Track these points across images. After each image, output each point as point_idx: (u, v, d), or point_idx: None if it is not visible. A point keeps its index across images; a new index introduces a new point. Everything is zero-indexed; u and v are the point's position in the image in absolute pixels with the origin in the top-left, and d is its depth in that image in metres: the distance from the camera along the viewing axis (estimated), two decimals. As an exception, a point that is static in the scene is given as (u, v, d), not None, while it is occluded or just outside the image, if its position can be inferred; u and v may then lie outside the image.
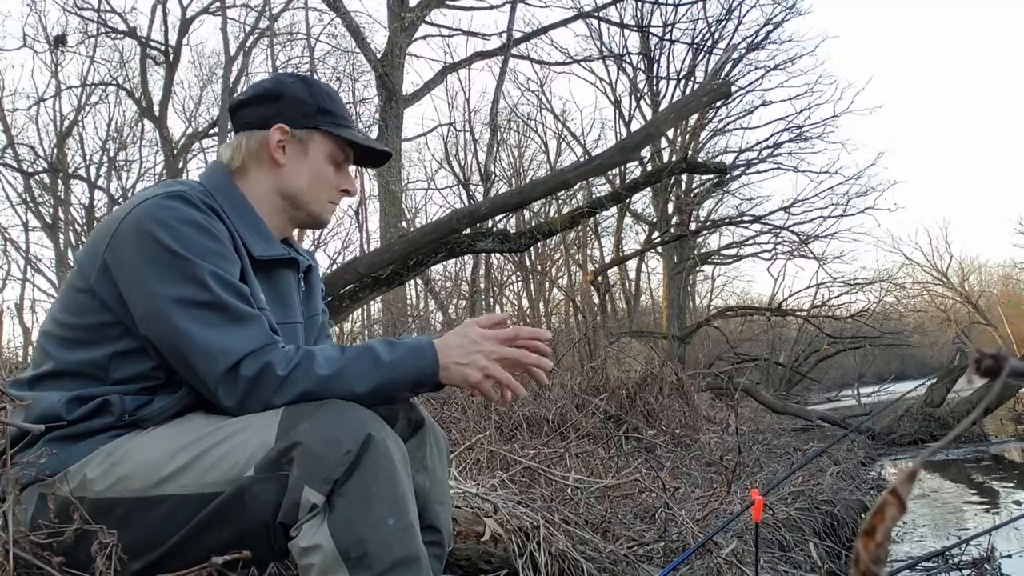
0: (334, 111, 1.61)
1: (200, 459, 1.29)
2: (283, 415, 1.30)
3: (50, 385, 1.41)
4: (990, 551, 3.29)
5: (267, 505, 1.25)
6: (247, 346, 1.33)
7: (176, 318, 1.32)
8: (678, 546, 2.71)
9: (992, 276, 39.77)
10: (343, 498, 1.23)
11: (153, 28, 15.72)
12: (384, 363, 1.36)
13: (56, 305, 1.48)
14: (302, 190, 1.59)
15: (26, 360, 6.54)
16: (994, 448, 7.94)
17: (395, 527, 1.24)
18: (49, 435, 1.35)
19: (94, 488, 1.32)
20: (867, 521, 0.45)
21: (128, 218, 1.38)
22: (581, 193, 16.71)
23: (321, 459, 1.23)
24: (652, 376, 6.81)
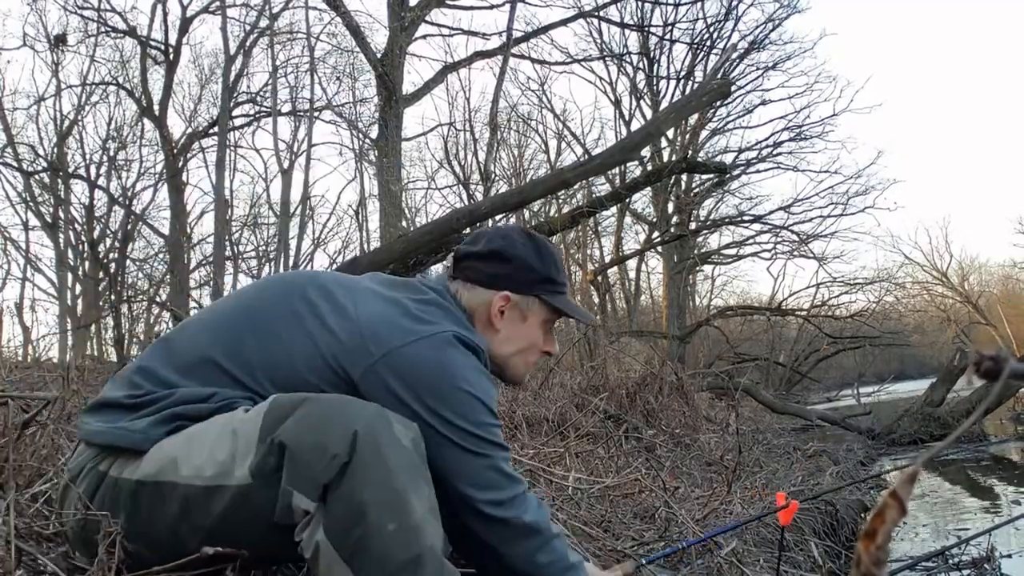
0: (557, 279, 1.65)
1: (192, 450, 1.30)
2: (268, 408, 1.29)
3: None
4: (990, 551, 3.29)
5: (267, 509, 1.24)
6: (515, 492, 1.47)
7: (476, 449, 1.42)
8: (678, 546, 2.71)
9: (992, 276, 39.83)
10: (335, 504, 1.20)
11: (153, 27, 15.76)
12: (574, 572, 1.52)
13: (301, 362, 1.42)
14: (512, 355, 1.64)
15: (26, 359, 6.54)
16: (994, 448, 7.94)
17: (395, 532, 1.20)
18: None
19: (130, 471, 1.34)
20: (868, 523, 0.45)
21: (439, 338, 1.43)
22: (581, 193, 16.71)
23: (307, 465, 1.21)
24: (652, 376, 6.80)
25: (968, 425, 0.49)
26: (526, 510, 1.45)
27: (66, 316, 16.67)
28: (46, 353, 9.10)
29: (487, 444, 1.42)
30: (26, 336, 13.00)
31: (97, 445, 1.39)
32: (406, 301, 1.49)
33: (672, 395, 6.80)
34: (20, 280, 17.99)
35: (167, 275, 16.63)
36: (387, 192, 12.18)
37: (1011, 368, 0.44)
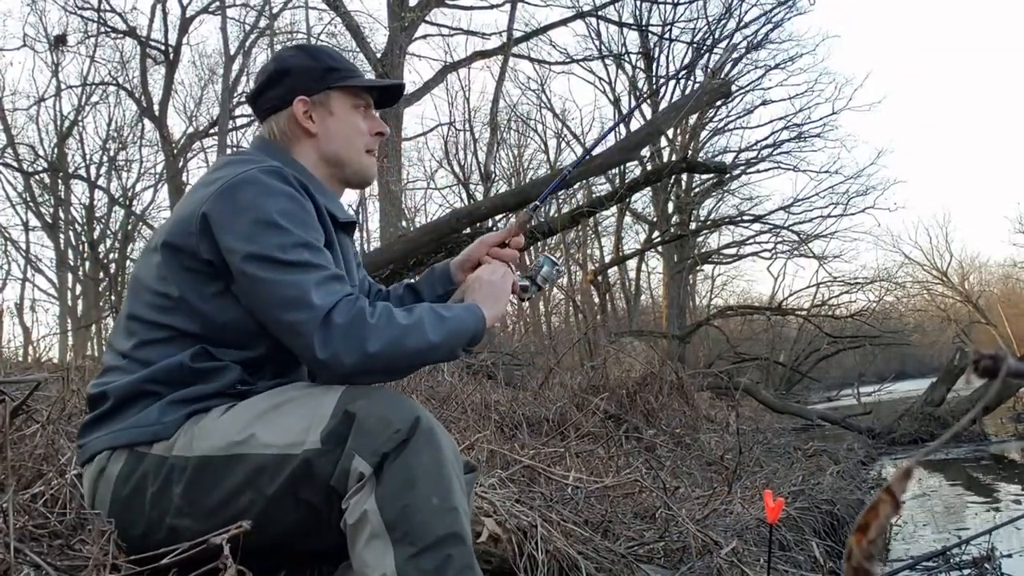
0: (340, 67, 1.68)
1: (266, 422, 1.38)
2: (343, 391, 1.39)
3: (161, 347, 1.48)
4: (990, 550, 3.28)
5: (328, 472, 1.33)
6: (337, 297, 1.40)
7: (274, 275, 1.40)
8: (679, 546, 2.71)
9: (992, 275, 39.77)
10: (390, 473, 1.30)
11: (153, 28, 15.76)
12: (447, 318, 1.51)
13: (149, 276, 1.51)
14: (340, 148, 1.67)
15: (26, 360, 6.54)
16: (994, 447, 7.93)
17: (438, 506, 1.30)
18: (169, 397, 1.44)
19: (176, 450, 1.40)
20: (861, 517, 0.45)
21: (228, 183, 1.45)
22: (581, 192, 16.71)
23: (372, 433, 1.32)
24: (652, 375, 6.80)
25: (966, 422, 0.49)
26: (350, 312, 1.40)
27: (66, 317, 16.67)
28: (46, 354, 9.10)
29: (277, 266, 1.41)
30: (26, 336, 13.00)
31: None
32: (210, 175, 1.56)
33: (672, 395, 6.80)
34: (20, 281, 17.98)
35: (167, 275, 16.62)
36: (387, 192, 12.18)
37: (1009, 367, 0.44)
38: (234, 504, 1.37)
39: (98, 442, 1.46)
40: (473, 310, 1.59)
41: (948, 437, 0.49)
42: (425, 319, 1.47)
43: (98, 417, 1.49)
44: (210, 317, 1.48)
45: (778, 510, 2.24)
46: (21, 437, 2.32)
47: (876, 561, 0.45)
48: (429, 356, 1.49)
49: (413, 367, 1.55)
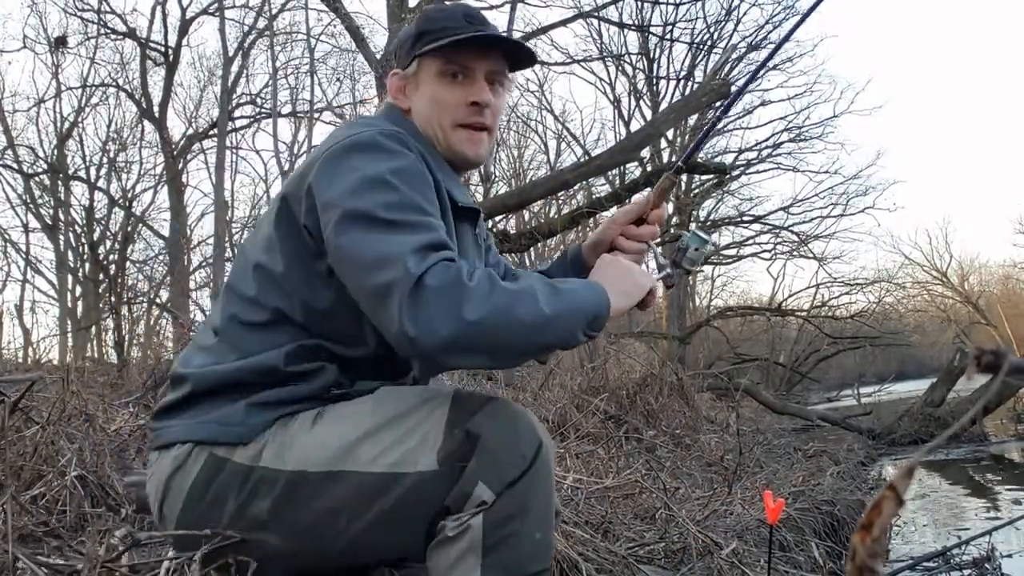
0: (430, 29, 1.46)
1: (370, 437, 1.27)
2: (453, 399, 1.28)
3: (257, 334, 1.36)
4: (990, 551, 3.28)
5: (441, 495, 1.24)
6: (434, 261, 1.21)
7: (372, 233, 1.24)
8: (679, 547, 2.70)
9: (992, 276, 39.76)
10: (508, 499, 1.22)
11: (153, 29, 15.74)
12: (562, 290, 1.29)
13: (256, 249, 1.40)
14: (425, 125, 1.48)
15: (26, 361, 6.53)
16: (994, 448, 7.93)
17: (539, 541, 1.24)
18: (256, 397, 1.32)
19: (265, 460, 1.29)
20: (864, 516, 0.45)
21: (344, 143, 1.33)
22: (581, 193, 16.71)
23: (498, 459, 1.23)
24: (652, 376, 6.80)
25: (967, 418, 0.49)
26: (446, 275, 1.20)
27: (66, 318, 16.66)
28: (46, 355, 9.10)
29: (377, 224, 1.25)
30: (26, 338, 13.00)
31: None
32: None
33: (672, 396, 6.80)
34: (20, 282, 17.99)
35: (167, 277, 16.61)
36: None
37: (1011, 363, 0.44)
38: (331, 524, 1.27)
39: (177, 431, 1.35)
40: (594, 287, 1.35)
41: (951, 432, 0.49)
42: (537, 287, 1.25)
43: (179, 402, 1.38)
44: (313, 303, 1.35)
45: (778, 511, 2.24)
46: (21, 438, 2.32)
47: (880, 559, 0.44)
48: (543, 332, 1.24)
49: (522, 347, 1.27)
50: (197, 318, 12.31)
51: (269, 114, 16.73)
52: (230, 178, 19.35)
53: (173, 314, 9.81)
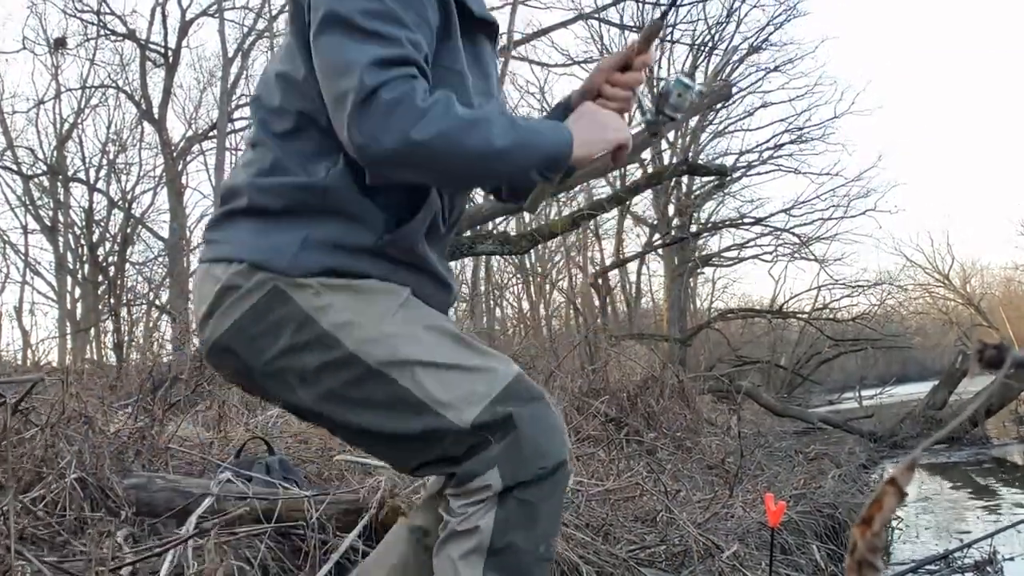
0: None
1: (432, 366, 1.31)
2: (513, 379, 1.32)
3: (295, 142, 1.36)
4: (992, 554, 3.27)
5: (457, 453, 1.30)
6: (393, 75, 1.21)
7: (344, 38, 1.24)
8: (679, 549, 2.70)
9: (994, 278, 39.72)
10: (517, 502, 1.28)
11: (152, 30, 15.74)
12: (521, 125, 1.30)
13: (278, 62, 1.40)
14: None
15: (25, 363, 6.53)
16: (996, 451, 7.92)
17: (542, 554, 1.31)
18: (313, 236, 1.31)
19: (330, 321, 1.31)
20: (865, 510, 0.44)
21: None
22: (581, 195, 16.72)
23: (521, 456, 1.28)
24: (653, 379, 6.80)
25: (970, 411, 0.49)
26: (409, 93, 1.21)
27: (65, 320, 16.66)
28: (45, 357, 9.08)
29: (351, 30, 1.24)
30: (25, 340, 13.00)
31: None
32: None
33: (673, 398, 6.79)
34: (19, 284, 17.95)
35: (167, 278, 16.60)
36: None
37: (1014, 357, 0.44)
38: (355, 408, 1.32)
39: (235, 247, 1.35)
40: (559, 130, 1.35)
41: (955, 425, 0.49)
42: (493, 119, 1.26)
43: (230, 215, 1.37)
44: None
45: (779, 514, 2.24)
46: (21, 440, 2.31)
47: (880, 554, 0.44)
48: (491, 164, 1.28)
49: (467, 174, 1.32)
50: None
51: (270, 116, 16.71)
52: (230, 180, 19.32)
53: (172, 316, 9.80)
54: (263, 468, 2.47)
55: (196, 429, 3.57)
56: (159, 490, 2.19)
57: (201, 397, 4.15)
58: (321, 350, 1.31)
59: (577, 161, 1.38)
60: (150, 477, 2.26)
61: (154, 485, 2.21)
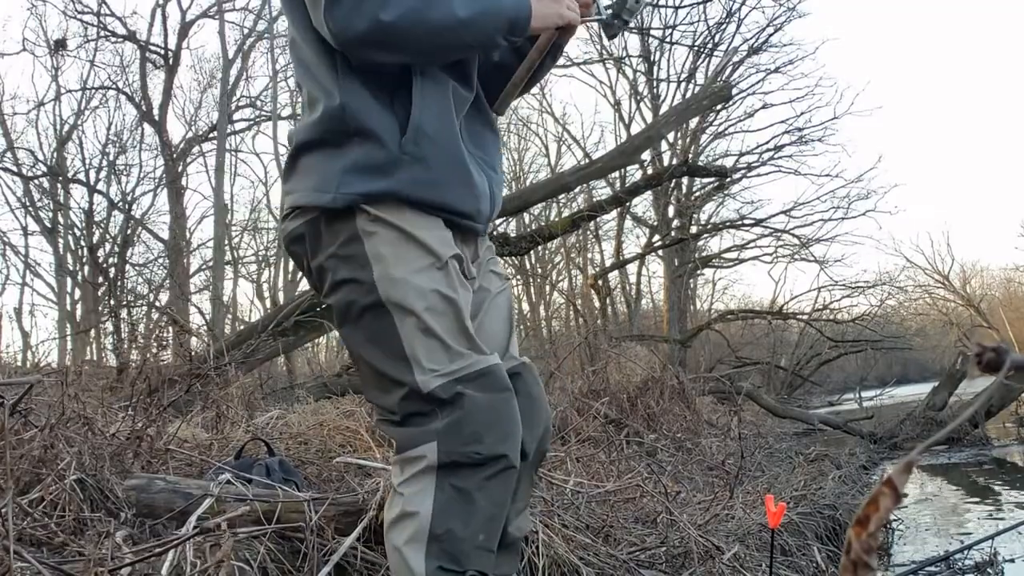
0: None
1: (428, 332, 1.41)
2: (487, 368, 1.42)
3: (321, 70, 1.49)
4: (993, 556, 3.27)
5: (408, 412, 1.41)
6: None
7: None
8: (680, 551, 2.69)
9: (994, 279, 39.71)
10: (453, 488, 1.35)
11: (153, 32, 15.74)
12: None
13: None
14: None
15: (25, 364, 6.53)
16: (996, 452, 7.91)
17: (481, 544, 1.37)
18: (344, 163, 1.44)
19: (371, 245, 1.43)
20: (861, 510, 0.44)
21: None
22: (581, 196, 16.72)
23: (459, 436, 1.36)
24: (653, 380, 6.80)
25: (969, 413, 0.49)
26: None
27: (65, 321, 16.66)
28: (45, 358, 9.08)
29: None
30: (25, 341, 13.02)
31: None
32: None
33: (673, 399, 6.79)
34: (19, 285, 17.97)
35: (167, 280, 16.61)
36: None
37: (1013, 360, 0.44)
38: (354, 331, 1.47)
39: (293, 197, 1.52)
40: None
41: (953, 427, 0.49)
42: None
43: (288, 165, 1.55)
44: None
45: (780, 515, 2.23)
46: (20, 441, 2.31)
47: (875, 555, 0.44)
48: (458, 34, 1.40)
49: (439, 46, 1.43)
50: (197, 321, 12.30)
51: (269, 117, 16.77)
52: (230, 181, 19.38)
53: (172, 317, 9.80)
54: (263, 469, 2.47)
55: (196, 430, 3.57)
56: (159, 491, 2.18)
57: (200, 399, 4.15)
58: (354, 266, 1.44)
59: (535, 30, 1.52)
60: (150, 478, 2.26)
61: (154, 486, 2.20)
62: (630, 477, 3.50)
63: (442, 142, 1.47)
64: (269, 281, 21.29)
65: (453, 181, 1.49)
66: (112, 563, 1.53)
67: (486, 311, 1.63)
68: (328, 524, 2.03)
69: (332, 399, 5.40)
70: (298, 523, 2.01)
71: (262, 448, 2.95)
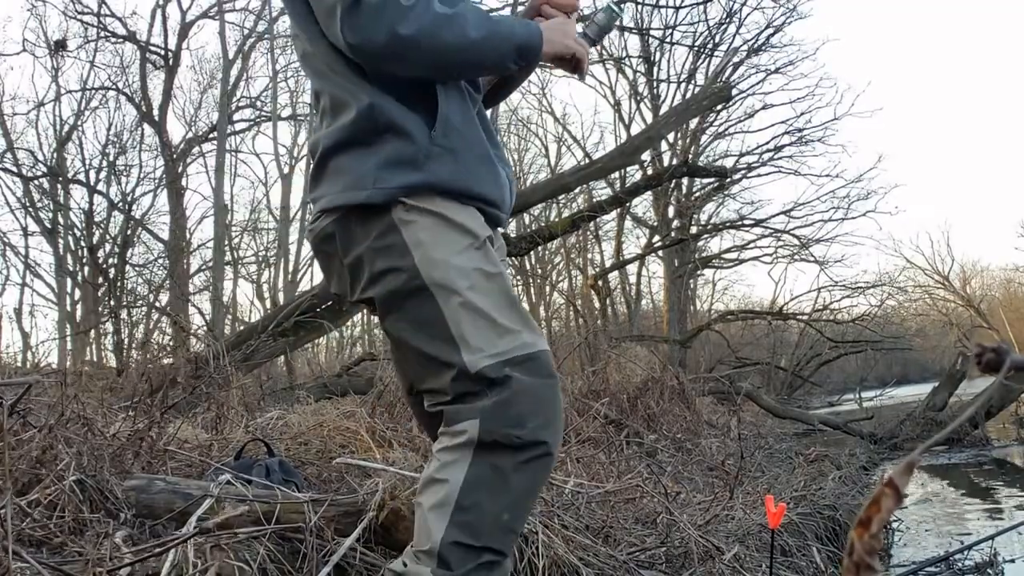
0: None
1: (475, 316, 1.43)
2: (535, 352, 1.44)
3: (343, 77, 1.53)
4: (993, 556, 3.27)
5: (458, 392, 1.42)
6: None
7: None
8: (680, 552, 2.69)
9: (994, 280, 39.69)
10: (488, 465, 1.37)
11: (153, 32, 15.73)
12: (495, 19, 1.48)
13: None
14: None
15: (25, 365, 6.53)
16: (996, 452, 7.91)
17: (507, 523, 1.39)
18: (379, 159, 1.47)
19: (410, 233, 1.45)
20: (862, 512, 0.44)
21: None
22: (581, 197, 16.72)
23: (504, 417, 1.38)
24: (653, 380, 6.80)
25: (970, 414, 0.49)
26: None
27: (65, 322, 16.65)
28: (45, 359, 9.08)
29: None
30: (25, 342, 13.02)
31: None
32: None
33: (673, 400, 6.79)
34: (19, 286, 17.96)
35: (167, 280, 16.60)
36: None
37: (1012, 360, 0.44)
38: (398, 318, 1.49)
39: (328, 199, 1.53)
40: (529, 25, 1.54)
41: (953, 427, 0.49)
42: (469, 15, 1.44)
43: (316, 171, 1.57)
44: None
45: (780, 515, 2.23)
46: (20, 442, 2.31)
47: (877, 556, 0.44)
48: (470, 53, 1.45)
49: (452, 63, 1.48)
50: (197, 322, 12.30)
51: (269, 117, 16.78)
52: (230, 181, 19.37)
53: (172, 318, 9.81)
54: (263, 470, 2.47)
55: (196, 431, 3.56)
56: (159, 492, 2.18)
57: (200, 399, 4.14)
58: (393, 256, 1.46)
59: (545, 56, 1.56)
60: (150, 479, 2.26)
61: (154, 487, 2.20)
62: (630, 477, 3.50)
63: (468, 135, 1.53)
64: (269, 282, 21.29)
65: (481, 172, 1.55)
66: (111, 563, 1.53)
67: None
68: (328, 525, 2.03)
69: (332, 400, 5.40)
70: (298, 524, 2.01)
71: (262, 449, 2.95)
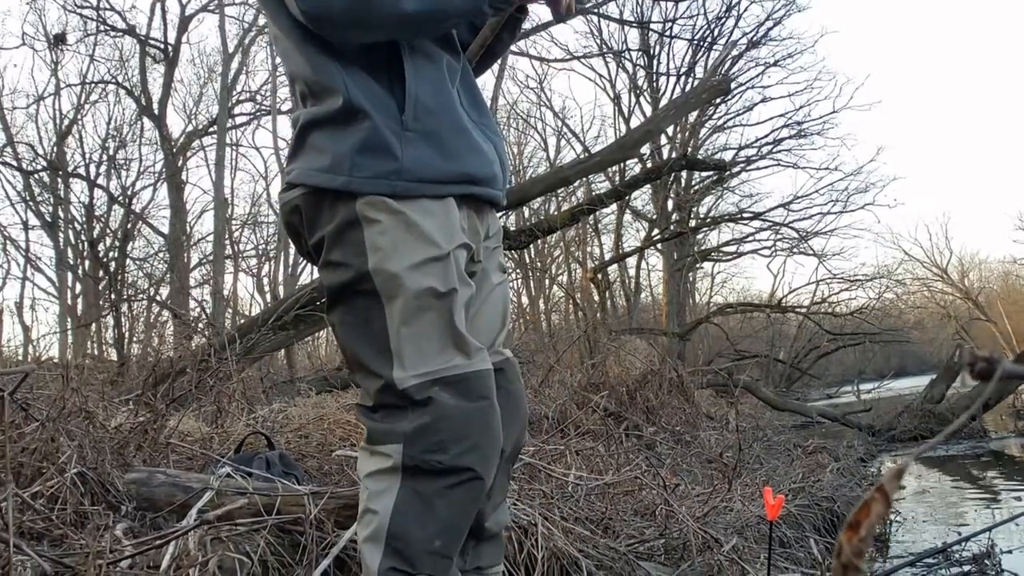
0: None
1: (410, 326, 1.39)
2: (473, 374, 1.40)
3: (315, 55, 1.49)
4: (990, 547, 3.28)
5: (386, 403, 1.40)
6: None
7: None
8: (679, 543, 2.71)
9: (992, 272, 39.70)
10: (412, 492, 1.35)
11: (152, 26, 15.69)
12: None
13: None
14: None
15: (26, 359, 6.54)
16: (994, 444, 7.93)
17: (438, 549, 1.35)
18: (352, 143, 1.42)
19: (371, 233, 1.41)
20: (852, 515, 0.45)
21: None
22: (581, 190, 16.71)
23: (424, 443, 1.35)
24: (652, 373, 6.81)
25: (961, 423, 0.50)
26: None
27: (66, 315, 16.66)
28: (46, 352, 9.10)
29: None
30: (26, 335, 13.01)
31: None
32: None
33: (672, 392, 6.80)
34: (20, 279, 17.95)
35: (167, 274, 16.60)
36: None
37: (1004, 370, 0.45)
38: (342, 313, 1.46)
39: (299, 172, 1.50)
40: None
41: (947, 434, 0.50)
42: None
43: (294, 144, 1.53)
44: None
45: (778, 507, 2.24)
46: (21, 435, 2.32)
47: (865, 558, 0.45)
48: (443, 4, 1.40)
49: (424, 17, 1.41)
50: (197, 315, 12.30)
51: (269, 111, 16.72)
52: (230, 175, 19.36)
53: (173, 311, 9.81)
54: (263, 463, 2.48)
55: (196, 424, 3.58)
56: (159, 485, 2.19)
57: (205, 392, 4.16)
58: (349, 252, 1.42)
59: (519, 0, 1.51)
60: (150, 472, 2.27)
61: (155, 480, 2.21)
62: (629, 470, 3.51)
63: (443, 113, 1.46)
64: (269, 275, 21.30)
65: (462, 149, 1.47)
66: (112, 556, 1.54)
67: (484, 301, 1.60)
68: (328, 517, 2.04)
69: (333, 393, 5.42)
70: (298, 516, 2.02)
71: (262, 442, 2.96)
